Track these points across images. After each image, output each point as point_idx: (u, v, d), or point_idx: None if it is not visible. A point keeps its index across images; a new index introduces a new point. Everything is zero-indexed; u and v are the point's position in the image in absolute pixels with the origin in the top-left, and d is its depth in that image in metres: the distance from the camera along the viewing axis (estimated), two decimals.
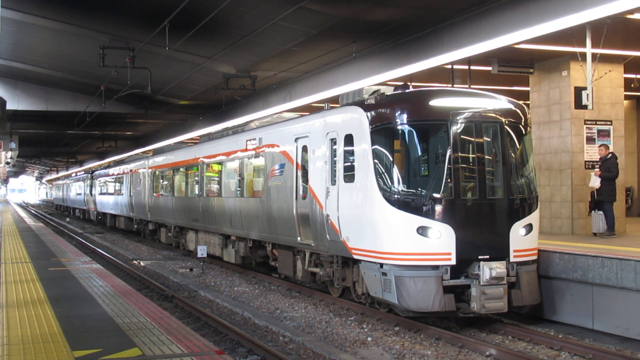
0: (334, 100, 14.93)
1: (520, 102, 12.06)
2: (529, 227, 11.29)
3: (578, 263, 11.30)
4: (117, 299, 10.66)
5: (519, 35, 12.82)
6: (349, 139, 11.74)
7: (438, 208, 10.72)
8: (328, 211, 12.24)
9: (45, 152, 62.24)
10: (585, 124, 16.19)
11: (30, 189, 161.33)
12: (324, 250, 12.75)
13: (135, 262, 22.04)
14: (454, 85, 17.44)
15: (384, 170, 10.96)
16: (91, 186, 44.65)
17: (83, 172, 54.88)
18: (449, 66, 16.94)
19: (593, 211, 15.24)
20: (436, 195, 10.76)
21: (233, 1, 13.75)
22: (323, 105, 14.13)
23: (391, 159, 11.09)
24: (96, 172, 44.06)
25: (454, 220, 10.70)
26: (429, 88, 12.88)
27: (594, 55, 14.06)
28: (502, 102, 11.60)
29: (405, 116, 11.05)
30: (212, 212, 19.61)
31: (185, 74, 22.46)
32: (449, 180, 10.79)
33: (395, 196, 10.79)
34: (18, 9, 17.35)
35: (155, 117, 32.40)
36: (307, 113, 15.77)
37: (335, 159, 12.19)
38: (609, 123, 16.44)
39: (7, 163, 40.69)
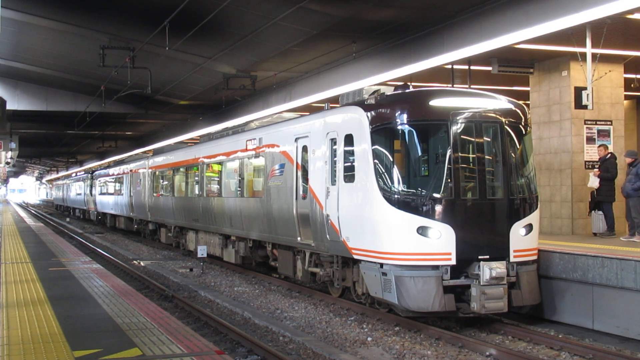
0: (334, 100, 14.94)
1: (520, 102, 12.06)
2: (529, 227, 11.29)
3: (578, 263, 11.30)
4: (117, 299, 10.66)
5: (519, 35, 12.82)
6: (349, 139, 11.74)
7: (438, 208, 10.72)
8: (328, 211, 12.24)
9: (45, 152, 62.23)
10: (585, 124, 16.20)
11: (30, 189, 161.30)
12: (324, 250, 12.75)
13: (135, 262, 22.04)
14: (454, 85, 17.44)
15: (384, 170, 10.95)
16: (91, 186, 44.65)
17: (83, 172, 54.87)
18: (449, 66, 16.94)
19: (593, 211, 15.25)
20: (436, 195, 10.76)
21: (233, 1, 13.76)
22: (323, 105, 14.13)
23: (391, 159, 11.09)
24: (96, 172, 44.06)
25: (454, 220, 10.70)
26: (429, 88, 12.88)
27: (594, 55, 14.06)
28: (502, 102, 11.60)
29: (405, 116, 11.06)
30: (212, 212, 19.61)
31: (185, 74, 22.46)
32: (449, 180, 10.79)
33: (396, 196, 10.79)
34: (18, 9, 17.35)
35: (155, 117, 32.40)
36: (307, 113, 15.78)
37: (335, 159, 12.19)
38: (609, 123, 16.44)
39: (7, 163, 40.66)
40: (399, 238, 10.77)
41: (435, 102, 11.23)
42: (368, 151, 11.13)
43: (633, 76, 18.79)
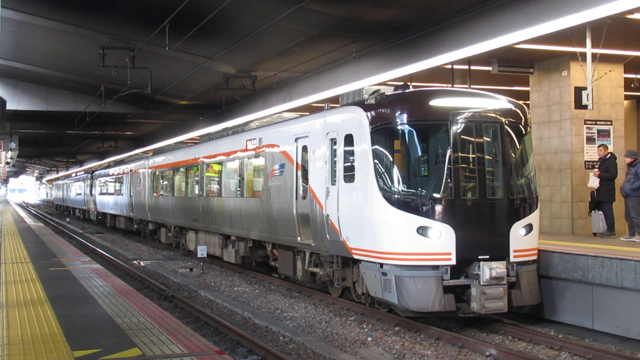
0: (334, 100, 14.94)
1: (520, 102, 12.06)
2: (529, 227, 11.29)
3: (578, 263, 11.31)
4: (117, 299, 10.66)
5: (519, 35, 12.82)
6: (349, 139, 11.74)
7: (438, 208, 10.72)
8: (328, 211, 12.24)
9: (45, 152, 62.24)
10: (585, 124, 16.20)
11: (30, 189, 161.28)
12: (324, 250, 12.74)
13: (135, 262, 22.04)
14: (454, 85, 17.44)
15: (384, 170, 10.95)
16: (91, 186, 44.66)
17: (83, 172, 54.88)
18: (449, 66, 16.94)
19: (593, 211, 15.25)
20: (436, 195, 10.76)
21: (233, 1, 13.76)
22: (323, 105, 14.13)
23: (391, 159, 11.09)
24: (96, 172, 44.07)
25: (454, 220, 10.69)
26: (429, 88, 12.88)
27: (594, 55, 14.06)
28: (502, 102, 11.60)
29: (405, 116, 11.05)
30: (212, 212, 19.61)
31: (185, 74, 22.46)
32: (449, 180, 10.79)
33: (396, 196, 10.79)
34: (18, 9, 17.35)
35: (155, 117, 32.41)
36: (307, 113, 15.77)
37: (335, 159, 12.19)
38: (609, 123, 16.45)
39: (7, 163, 40.68)
40: (399, 238, 10.77)
41: (435, 102, 11.23)
42: (368, 151, 11.13)
43: (633, 76, 18.79)
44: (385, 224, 10.87)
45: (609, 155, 15.06)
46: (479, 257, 10.72)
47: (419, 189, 10.90)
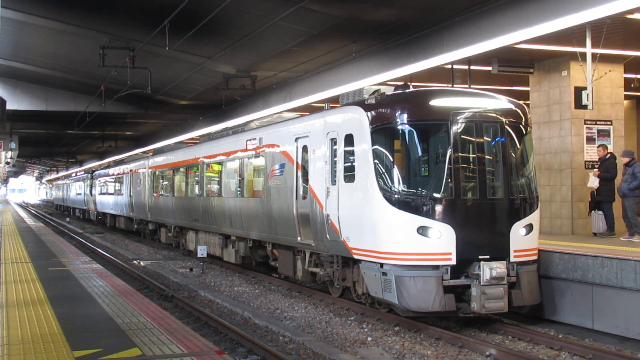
0: (334, 100, 14.94)
1: (521, 102, 12.06)
2: (529, 227, 11.29)
3: (578, 263, 11.31)
4: (117, 299, 10.66)
5: (519, 35, 12.82)
6: (349, 139, 11.74)
7: (438, 208, 10.72)
8: (328, 211, 12.24)
9: (45, 152, 62.25)
10: (585, 124, 16.20)
11: (30, 189, 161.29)
12: (324, 250, 12.74)
13: (135, 262, 22.04)
14: (454, 85, 17.44)
15: (384, 170, 10.95)
16: (91, 186, 44.66)
17: (83, 172, 54.89)
18: (449, 66, 16.94)
19: (593, 211, 15.26)
20: (436, 195, 10.76)
21: (233, 1, 13.76)
22: (323, 105, 14.13)
23: (391, 159, 11.09)
24: (96, 172, 44.07)
25: (454, 220, 10.69)
26: (429, 88, 12.87)
27: (594, 55, 14.06)
28: (502, 102, 11.60)
29: (405, 116, 11.06)
30: (212, 212, 19.61)
31: (185, 74, 22.46)
32: (449, 180, 10.79)
33: (396, 196, 10.79)
34: (18, 9, 17.35)
35: (155, 117, 32.42)
36: (307, 113, 15.77)
37: (335, 159, 12.19)
38: (609, 123, 16.45)
39: (7, 163, 40.66)
40: (399, 238, 10.77)
41: (435, 102, 11.23)
42: (368, 151, 11.13)
43: (633, 76, 18.79)
44: (385, 224, 10.87)
45: (608, 155, 15.06)
46: (479, 257, 10.72)
47: (419, 189, 10.90)
